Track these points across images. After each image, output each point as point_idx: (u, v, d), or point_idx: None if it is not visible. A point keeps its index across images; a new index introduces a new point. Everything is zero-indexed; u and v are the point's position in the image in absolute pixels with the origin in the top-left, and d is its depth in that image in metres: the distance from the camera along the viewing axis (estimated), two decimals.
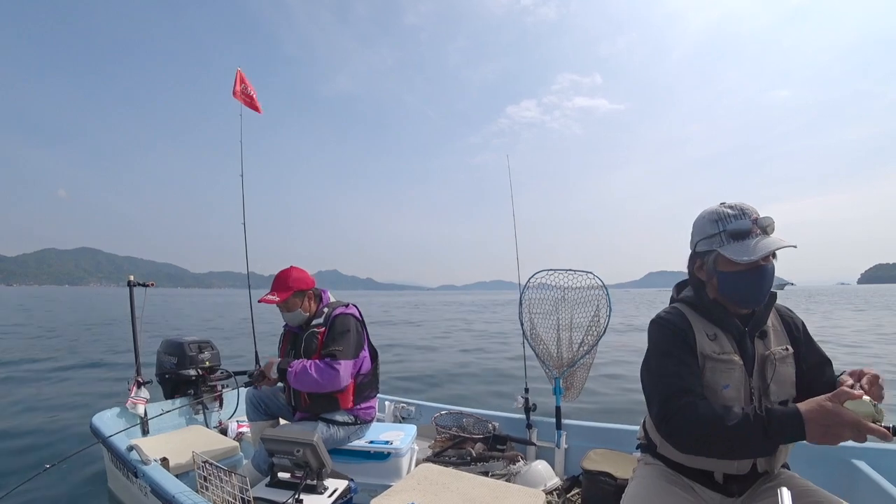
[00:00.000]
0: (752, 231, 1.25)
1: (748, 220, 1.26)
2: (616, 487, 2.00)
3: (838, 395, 0.99)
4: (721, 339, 1.31)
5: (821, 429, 0.98)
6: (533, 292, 2.93)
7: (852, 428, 0.95)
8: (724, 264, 1.28)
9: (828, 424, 0.98)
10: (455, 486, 1.93)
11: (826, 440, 0.99)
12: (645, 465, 1.49)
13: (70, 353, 9.33)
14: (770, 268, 1.27)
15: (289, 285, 2.40)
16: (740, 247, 1.24)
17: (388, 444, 2.39)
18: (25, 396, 5.65)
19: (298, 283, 2.42)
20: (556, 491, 2.40)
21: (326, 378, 2.22)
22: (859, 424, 0.95)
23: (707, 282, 1.37)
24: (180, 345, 3.32)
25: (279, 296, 2.37)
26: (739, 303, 1.31)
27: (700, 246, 1.35)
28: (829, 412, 0.98)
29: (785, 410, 1.04)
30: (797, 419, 1.01)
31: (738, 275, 1.27)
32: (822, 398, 1.01)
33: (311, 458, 1.83)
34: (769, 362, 1.30)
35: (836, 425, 0.97)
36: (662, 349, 1.32)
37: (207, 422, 3.32)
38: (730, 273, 1.28)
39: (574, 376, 2.83)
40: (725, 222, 1.28)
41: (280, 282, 2.42)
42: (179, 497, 1.76)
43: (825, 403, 0.99)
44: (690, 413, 1.14)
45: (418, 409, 3.38)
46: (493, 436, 2.80)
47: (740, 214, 1.27)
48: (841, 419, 0.96)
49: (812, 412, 1.00)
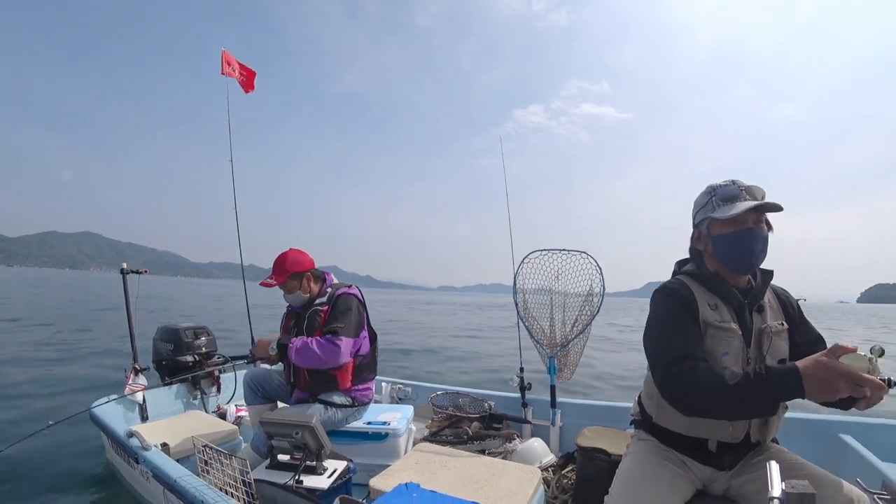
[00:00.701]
0: (741, 195, 1.33)
1: (737, 187, 1.34)
2: (610, 463, 2.04)
3: (833, 350, 1.03)
4: (721, 309, 1.37)
5: (818, 382, 1.01)
6: (527, 272, 2.94)
7: (848, 380, 0.98)
8: (716, 227, 1.38)
9: (824, 378, 1.01)
10: (452, 465, 1.96)
11: (824, 394, 1.02)
12: (638, 441, 1.53)
13: (66, 339, 9.30)
14: (761, 232, 1.34)
15: (285, 268, 2.45)
16: (728, 208, 1.33)
17: (385, 425, 2.43)
18: (20, 384, 5.64)
19: (295, 266, 2.47)
20: (552, 467, 2.45)
21: (328, 353, 2.24)
22: (855, 376, 0.98)
23: (704, 251, 1.45)
24: (176, 331, 3.32)
25: (277, 279, 2.44)
26: (734, 265, 1.38)
27: (697, 217, 1.44)
28: (824, 366, 1.01)
29: (783, 367, 1.08)
30: (795, 374, 1.04)
31: (729, 237, 1.35)
32: (818, 354, 1.05)
33: (310, 439, 1.85)
34: (765, 335, 1.36)
35: (833, 378, 1.00)
36: (666, 316, 1.36)
37: (206, 406, 3.34)
38: (721, 236, 1.37)
39: (568, 356, 2.86)
40: (716, 189, 1.38)
41: (277, 265, 2.48)
42: (181, 481, 1.78)
43: (821, 358, 1.03)
44: (693, 375, 1.18)
45: (415, 389, 3.42)
46: (489, 415, 2.83)
47: (731, 182, 1.36)
48: (837, 372, 0.99)
49: (809, 367, 1.04)
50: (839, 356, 1.02)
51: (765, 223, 1.36)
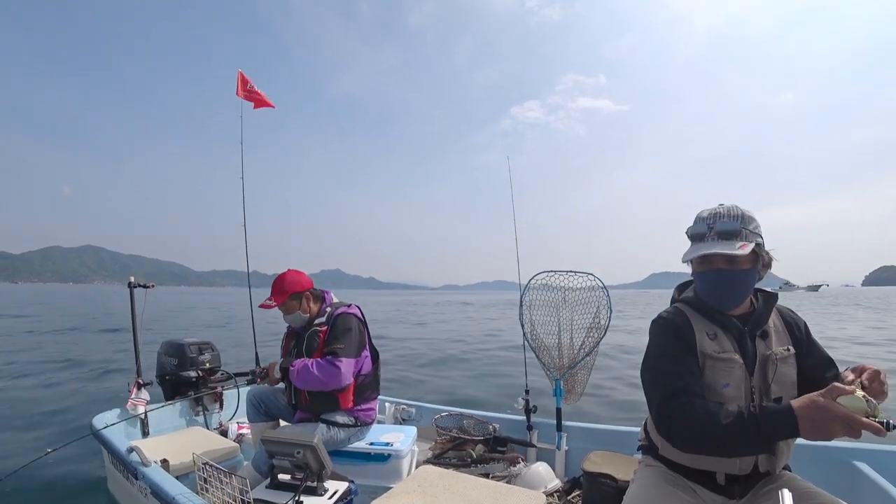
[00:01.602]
0: (706, 235, 1.32)
1: (704, 225, 1.33)
2: (617, 489, 2.00)
3: (830, 391, 1.00)
4: (721, 339, 1.34)
5: (813, 424, 0.99)
6: (534, 293, 2.92)
7: (843, 423, 0.96)
8: (697, 265, 1.38)
9: (819, 420, 0.99)
10: (455, 488, 1.93)
11: (819, 436, 0.99)
12: (646, 467, 1.49)
13: (69, 353, 9.32)
14: (730, 273, 1.31)
15: (284, 289, 2.45)
16: (692, 249, 1.34)
17: (388, 446, 2.39)
18: (22, 397, 5.64)
19: (293, 286, 2.47)
20: (557, 493, 2.40)
21: (328, 375, 2.23)
22: (851, 419, 0.95)
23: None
24: (181, 346, 3.32)
25: (276, 300, 2.44)
26: (709, 302, 1.38)
27: None
28: (820, 407, 0.99)
29: (777, 407, 1.06)
30: (790, 415, 1.02)
31: (701, 275, 1.37)
32: (815, 394, 1.03)
33: (312, 459, 1.83)
34: (770, 362, 1.32)
35: (828, 420, 0.98)
36: (662, 349, 1.34)
37: (208, 423, 3.32)
38: (696, 273, 1.40)
39: (575, 378, 2.82)
40: (691, 227, 1.38)
41: (276, 286, 2.48)
42: (179, 499, 1.76)
43: (817, 399, 1.01)
44: (687, 413, 1.16)
45: (419, 410, 3.38)
46: (493, 437, 2.79)
47: (706, 218, 1.35)
48: (832, 414, 0.97)
49: (804, 408, 1.01)
50: (836, 397, 0.99)
51: (746, 261, 1.30)
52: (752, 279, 1.34)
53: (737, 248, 1.25)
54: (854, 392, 0.98)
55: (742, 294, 1.35)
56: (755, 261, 1.33)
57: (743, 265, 1.30)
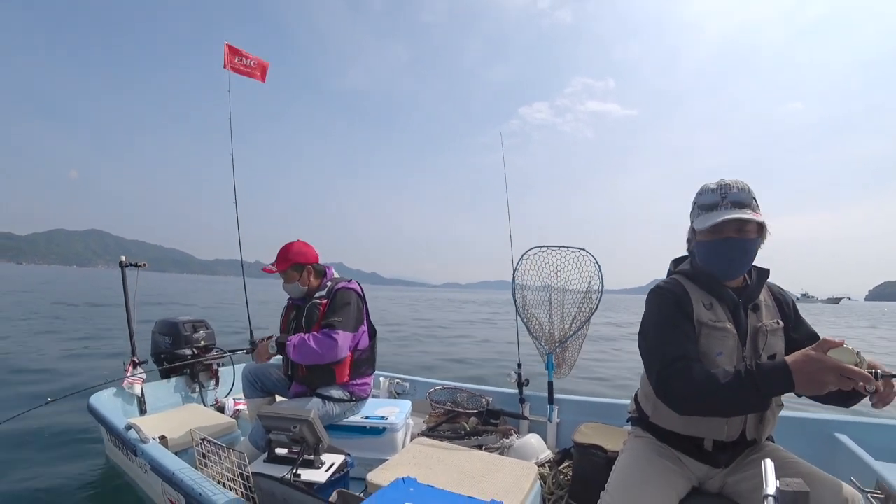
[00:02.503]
0: (719, 204, 1.34)
1: (717, 195, 1.35)
2: (606, 460, 2.05)
3: (821, 345, 1.06)
4: (716, 308, 1.38)
5: (806, 376, 1.04)
6: (526, 268, 2.93)
7: (836, 373, 1.01)
8: (699, 234, 1.40)
9: (813, 371, 1.04)
10: (449, 460, 1.97)
11: (813, 388, 1.05)
12: (635, 438, 1.53)
13: (65, 332, 9.30)
14: (740, 242, 1.34)
15: (288, 257, 2.49)
16: (705, 217, 1.35)
17: (383, 420, 2.44)
18: (20, 375, 5.64)
19: (297, 257, 2.49)
20: (548, 463, 2.46)
21: (325, 347, 2.25)
22: (842, 368, 1.01)
23: (693, 251, 1.48)
24: (175, 324, 3.32)
25: (278, 266, 2.48)
26: (713, 272, 1.40)
27: (691, 217, 1.46)
28: (813, 359, 1.05)
29: (773, 363, 1.11)
30: (785, 369, 1.07)
31: (708, 244, 1.38)
32: (807, 349, 1.08)
33: (308, 433, 1.86)
34: (761, 334, 1.37)
35: (821, 371, 1.03)
36: (660, 317, 1.38)
37: (204, 400, 3.35)
38: (702, 243, 1.40)
39: (566, 352, 2.87)
40: (700, 196, 1.41)
41: (281, 253, 2.51)
42: (179, 474, 1.78)
43: (809, 352, 1.07)
44: (686, 375, 1.20)
45: (413, 384, 3.43)
46: (486, 410, 2.84)
47: (715, 189, 1.36)
48: (825, 365, 1.02)
49: (797, 362, 1.07)
50: (827, 350, 1.05)
51: (753, 230, 1.34)
52: (757, 249, 1.37)
53: (751, 215, 1.29)
54: (843, 344, 1.05)
55: (748, 263, 1.39)
56: (760, 232, 1.36)
57: (751, 234, 1.34)
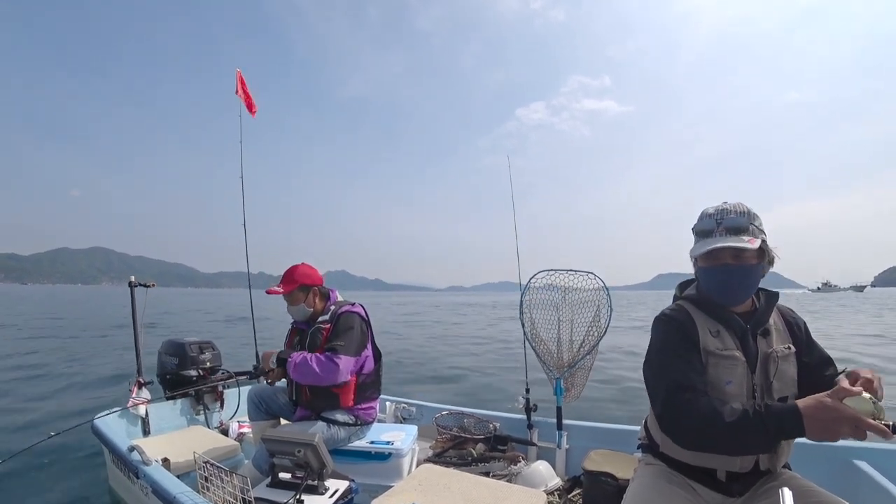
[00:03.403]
0: (714, 231, 1.33)
1: (713, 220, 1.34)
2: (617, 488, 2.00)
3: (837, 392, 1.01)
4: (724, 336, 1.34)
5: (819, 424, 0.99)
6: (534, 292, 2.93)
7: (851, 424, 0.96)
8: (698, 260, 1.39)
9: (826, 420, 0.99)
10: (456, 487, 1.93)
11: (825, 436, 0.99)
12: (646, 466, 1.49)
13: (71, 353, 9.33)
14: (738, 268, 1.31)
15: (294, 279, 2.48)
16: (701, 244, 1.34)
17: (389, 445, 2.39)
18: (24, 397, 5.64)
19: (303, 279, 2.49)
20: (558, 491, 2.40)
21: (326, 371, 2.23)
22: (858, 420, 0.96)
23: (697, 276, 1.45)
24: (181, 345, 3.33)
25: (284, 288, 2.47)
26: (714, 297, 1.38)
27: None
28: (827, 408, 0.99)
29: (783, 406, 1.06)
30: (796, 415, 1.02)
31: (708, 271, 1.36)
32: (822, 395, 1.03)
33: (312, 458, 1.83)
34: (772, 360, 1.33)
35: (835, 421, 0.98)
36: (665, 346, 1.34)
37: (208, 422, 3.32)
38: (701, 269, 1.38)
39: (575, 377, 2.83)
40: (698, 222, 1.39)
41: (287, 275, 2.51)
42: (180, 497, 1.76)
43: (824, 399, 1.01)
44: (691, 409, 1.16)
45: (419, 409, 3.38)
46: (493, 436, 2.79)
47: (712, 214, 1.35)
48: (839, 415, 0.98)
49: (810, 408, 1.01)
50: (843, 398, 1.00)
51: (752, 256, 1.31)
52: (758, 275, 1.35)
53: (745, 243, 1.27)
54: (861, 393, 0.99)
55: (748, 290, 1.36)
56: (761, 257, 1.33)
57: (750, 260, 1.31)
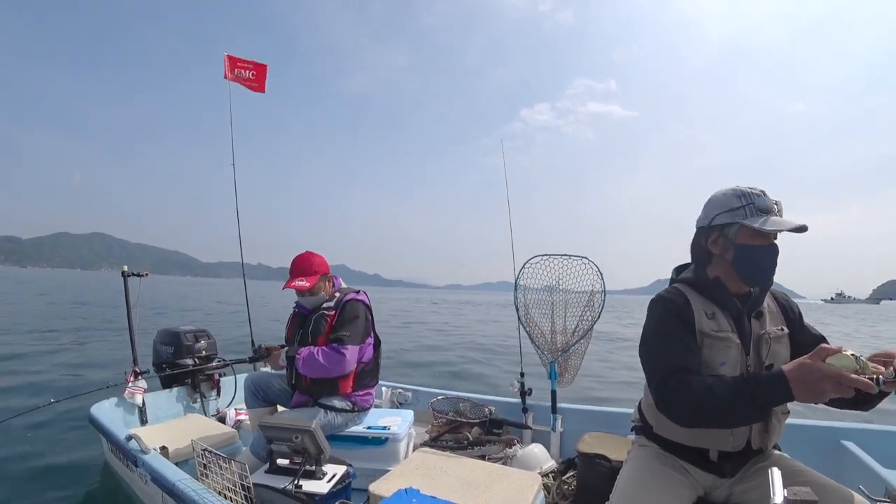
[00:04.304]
0: (773, 209, 1.31)
1: (770, 199, 1.31)
2: (611, 469, 2.04)
3: (818, 353, 1.02)
4: (719, 318, 1.35)
5: (804, 386, 1.00)
6: (528, 277, 2.93)
7: (833, 381, 0.97)
8: (745, 237, 1.32)
9: (810, 381, 1.00)
10: (452, 470, 1.95)
11: (811, 396, 1.00)
12: (639, 448, 1.52)
13: (65, 340, 9.28)
14: (777, 248, 1.33)
15: (315, 270, 2.43)
16: (765, 220, 1.29)
17: (385, 430, 2.42)
18: (18, 385, 5.62)
19: (322, 267, 2.46)
20: (552, 473, 2.44)
21: (333, 362, 2.25)
22: (840, 377, 0.97)
23: (721, 255, 1.38)
24: (177, 334, 3.32)
25: (308, 280, 2.38)
26: (751, 277, 1.35)
27: (720, 219, 1.36)
28: (809, 368, 1.01)
29: (769, 373, 1.08)
30: (781, 379, 1.03)
31: (755, 249, 1.31)
32: (804, 357, 1.04)
33: (310, 444, 1.85)
34: (764, 341, 1.35)
35: (818, 380, 0.99)
36: (661, 327, 1.35)
37: (205, 410, 3.33)
38: (746, 246, 1.32)
39: (568, 361, 2.85)
40: (751, 198, 1.32)
41: (306, 267, 2.44)
42: (179, 485, 1.77)
43: (805, 360, 1.03)
44: (685, 389, 1.17)
45: (415, 394, 3.41)
46: (489, 420, 2.82)
47: (763, 194, 1.32)
48: (821, 374, 0.98)
49: (794, 370, 1.03)
50: (825, 357, 1.01)
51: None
52: None
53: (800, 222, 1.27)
54: (840, 350, 1.00)
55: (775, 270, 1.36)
56: None
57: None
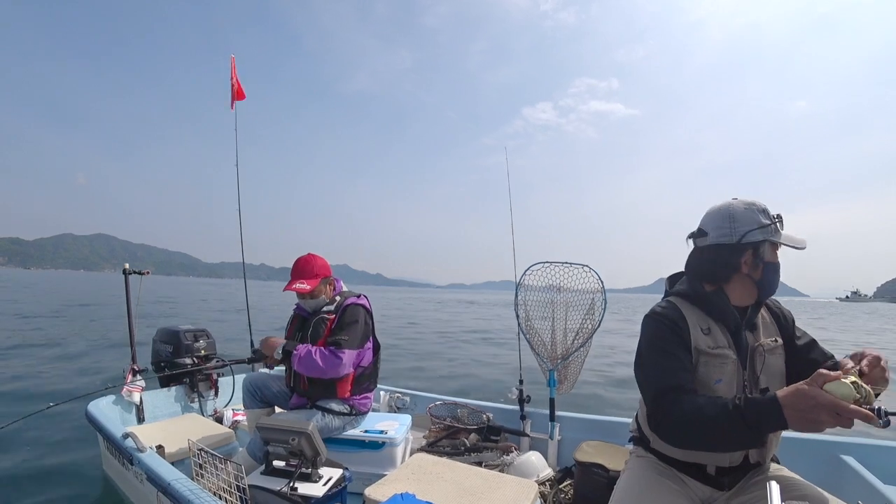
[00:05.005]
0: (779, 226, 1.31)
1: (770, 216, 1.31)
2: (608, 479, 2.03)
3: (816, 378, 0.93)
4: (715, 333, 1.33)
5: (798, 414, 0.92)
6: (529, 284, 2.93)
7: (829, 411, 0.89)
8: (772, 254, 1.32)
9: (804, 408, 0.91)
10: (449, 476, 1.94)
11: (806, 426, 0.92)
12: (637, 458, 1.50)
13: (66, 338, 9.29)
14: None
15: (316, 273, 2.42)
16: (788, 238, 1.30)
17: (382, 434, 2.41)
18: (18, 382, 5.63)
19: (324, 270, 2.45)
20: (549, 482, 2.43)
21: (329, 365, 2.24)
22: (837, 406, 0.88)
23: (748, 273, 1.32)
24: (176, 333, 3.32)
25: (309, 283, 2.37)
26: (770, 293, 1.35)
27: (752, 236, 1.29)
28: (804, 395, 0.92)
29: (762, 398, 1.00)
30: (775, 405, 0.96)
31: (774, 266, 1.32)
32: (801, 382, 0.96)
33: (307, 446, 1.84)
34: (758, 354, 1.33)
35: (812, 409, 0.90)
36: (655, 344, 1.33)
37: (203, 410, 3.33)
38: (775, 264, 1.32)
39: (568, 369, 2.85)
40: (772, 214, 1.31)
41: (307, 269, 2.42)
42: (175, 484, 1.76)
43: (801, 387, 0.94)
44: (676, 410, 1.14)
45: (413, 399, 3.40)
46: (487, 426, 2.81)
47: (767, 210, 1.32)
48: (816, 402, 0.90)
49: (788, 397, 0.95)
50: (822, 384, 0.91)
51: None
52: None
53: None
54: (840, 378, 0.90)
55: None
56: None
57: None
